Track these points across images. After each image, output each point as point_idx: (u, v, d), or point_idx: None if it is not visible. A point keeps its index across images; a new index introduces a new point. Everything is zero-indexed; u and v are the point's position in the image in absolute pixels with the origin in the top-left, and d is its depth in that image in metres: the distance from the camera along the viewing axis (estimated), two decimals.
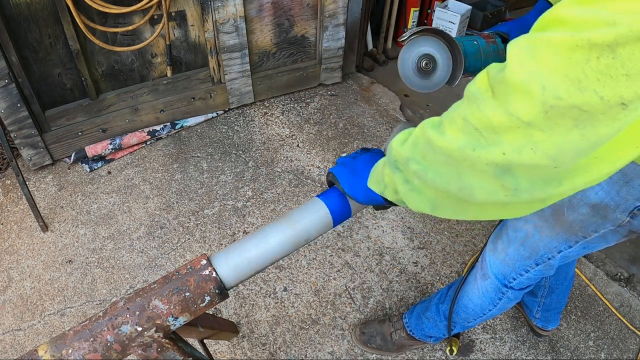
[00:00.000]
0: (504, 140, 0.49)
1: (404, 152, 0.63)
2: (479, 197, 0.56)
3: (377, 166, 0.74)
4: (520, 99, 0.46)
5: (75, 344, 0.75)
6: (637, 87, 0.42)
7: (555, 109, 0.45)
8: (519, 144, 0.48)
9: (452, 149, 0.54)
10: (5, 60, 1.80)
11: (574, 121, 0.45)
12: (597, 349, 1.65)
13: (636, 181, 0.76)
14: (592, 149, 0.49)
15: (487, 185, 0.54)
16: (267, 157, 2.29)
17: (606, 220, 0.84)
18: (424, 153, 0.59)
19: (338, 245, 1.91)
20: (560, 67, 0.43)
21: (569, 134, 0.46)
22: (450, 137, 0.54)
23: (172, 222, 1.99)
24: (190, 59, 2.31)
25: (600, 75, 0.42)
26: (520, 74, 0.46)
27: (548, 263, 1.03)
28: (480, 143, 0.51)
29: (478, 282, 1.20)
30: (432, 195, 0.62)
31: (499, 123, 0.48)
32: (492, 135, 0.49)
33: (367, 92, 2.73)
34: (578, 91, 0.43)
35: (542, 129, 0.46)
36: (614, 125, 0.45)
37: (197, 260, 0.79)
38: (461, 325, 1.34)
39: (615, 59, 0.42)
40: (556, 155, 0.48)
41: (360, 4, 2.48)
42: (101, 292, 1.76)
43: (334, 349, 1.61)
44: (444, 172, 0.57)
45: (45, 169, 2.21)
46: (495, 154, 0.50)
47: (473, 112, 0.51)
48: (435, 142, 0.56)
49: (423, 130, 0.60)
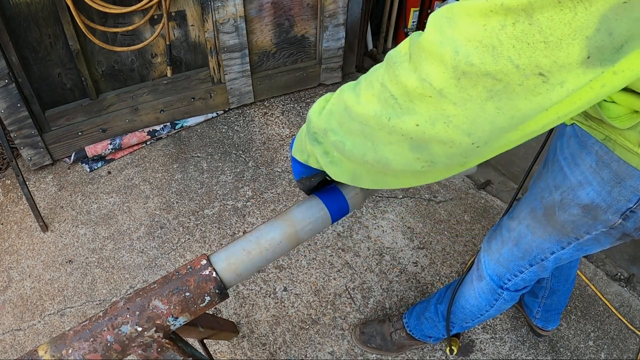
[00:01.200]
0: (417, 110, 0.47)
1: (321, 123, 0.61)
2: (396, 168, 0.54)
3: (300, 133, 0.72)
4: (432, 63, 0.44)
5: (75, 344, 0.75)
6: (556, 56, 0.40)
7: (467, 76, 0.42)
8: (432, 115, 0.46)
9: (369, 115, 0.51)
10: (5, 60, 1.80)
11: (488, 92, 0.43)
12: (597, 349, 1.65)
13: (628, 182, 0.75)
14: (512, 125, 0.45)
15: (402, 158, 0.52)
16: (267, 157, 2.29)
17: (597, 222, 0.83)
18: (340, 120, 0.57)
19: (338, 245, 1.91)
20: (474, 34, 0.41)
21: (483, 106, 0.44)
22: (366, 103, 0.52)
23: (172, 222, 1.99)
24: (190, 59, 2.31)
25: (516, 42, 0.40)
26: (434, 37, 0.44)
27: (542, 264, 1.02)
28: (395, 111, 0.49)
29: (474, 283, 1.21)
30: (351, 166, 0.60)
31: (413, 89, 0.46)
32: (407, 103, 0.47)
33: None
34: (492, 58, 0.41)
35: (455, 102, 0.44)
36: (534, 99, 0.43)
37: (197, 260, 0.79)
38: (459, 326, 1.35)
39: (532, 24, 0.39)
40: (471, 131, 0.46)
41: (360, 4, 2.48)
42: (101, 292, 1.76)
43: (334, 349, 1.61)
44: (360, 143, 0.55)
45: (45, 169, 2.21)
46: (409, 124, 0.48)
47: (390, 77, 0.49)
48: (352, 108, 0.54)
49: (340, 95, 0.58)
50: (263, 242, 0.80)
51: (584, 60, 0.40)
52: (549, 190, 0.90)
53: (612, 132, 0.73)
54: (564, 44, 0.39)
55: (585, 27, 0.38)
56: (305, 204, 0.83)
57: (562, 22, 0.38)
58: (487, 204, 2.11)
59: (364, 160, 0.56)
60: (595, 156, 0.78)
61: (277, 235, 0.80)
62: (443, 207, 2.08)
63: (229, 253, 0.80)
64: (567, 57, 0.40)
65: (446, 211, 2.07)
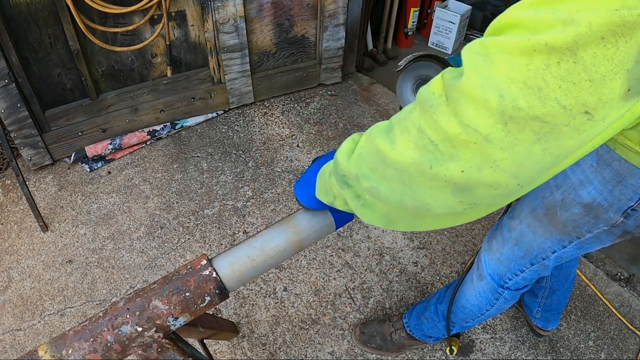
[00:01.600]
0: (461, 156, 0.45)
1: (351, 168, 0.58)
2: (436, 212, 0.52)
3: (323, 173, 0.69)
4: (476, 109, 0.42)
5: (75, 344, 0.75)
6: (600, 94, 0.39)
7: (514, 120, 0.41)
8: (478, 161, 0.44)
9: (407, 163, 0.49)
10: (5, 60, 1.80)
11: (536, 135, 0.42)
12: (597, 349, 1.65)
13: (629, 180, 0.75)
14: (556, 162, 0.45)
15: (444, 202, 0.50)
16: (267, 157, 2.29)
17: (599, 220, 0.83)
18: (372, 165, 0.54)
19: (338, 245, 1.91)
20: (518, 75, 0.40)
21: (531, 149, 0.43)
22: (403, 150, 0.49)
23: (172, 222, 1.99)
24: (190, 59, 2.31)
25: (562, 82, 0.39)
26: (475, 81, 0.42)
27: (543, 263, 1.02)
28: (436, 158, 0.46)
29: (475, 282, 1.21)
30: (385, 210, 0.58)
31: (455, 135, 0.44)
32: (449, 149, 0.45)
33: (367, 92, 2.73)
34: (539, 100, 0.40)
35: (502, 147, 0.43)
36: (579, 137, 0.42)
37: (197, 261, 0.79)
38: (460, 326, 1.35)
39: (576, 63, 0.38)
40: (518, 173, 0.45)
41: (360, 4, 2.48)
42: (101, 292, 1.76)
43: (334, 349, 1.61)
44: (397, 189, 0.52)
45: (45, 169, 2.21)
46: (454, 170, 0.46)
47: (428, 122, 0.46)
48: (387, 155, 0.51)
49: (370, 139, 0.55)
50: (267, 249, 0.79)
51: (625, 93, 0.39)
52: (549, 190, 0.90)
53: None
54: (607, 80, 0.39)
55: (626, 61, 0.38)
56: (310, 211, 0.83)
57: (605, 58, 0.38)
58: None
59: (401, 205, 0.54)
60: (596, 155, 0.78)
61: (282, 242, 0.80)
62: None
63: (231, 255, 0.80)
64: (611, 92, 0.39)
65: None
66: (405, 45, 3.15)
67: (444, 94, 0.46)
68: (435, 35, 3.12)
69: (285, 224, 0.82)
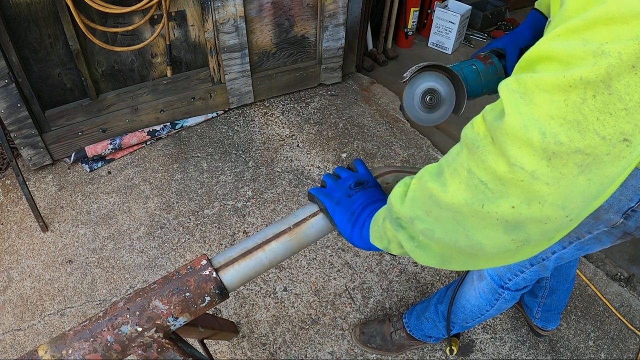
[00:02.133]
0: (510, 193, 0.47)
1: (406, 211, 0.60)
2: (489, 251, 0.54)
3: (376, 219, 0.70)
4: (519, 148, 0.44)
5: (75, 344, 0.75)
6: (637, 120, 0.40)
7: (557, 155, 0.43)
8: (527, 197, 0.46)
9: (460, 204, 0.51)
10: (5, 60, 1.80)
11: (579, 167, 0.43)
12: (597, 349, 1.65)
13: (629, 181, 0.75)
14: (601, 191, 0.47)
15: (497, 241, 0.52)
16: (267, 157, 2.29)
17: (599, 221, 0.83)
18: (427, 208, 0.56)
19: (338, 245, 1.91)
20: (556, 111, 0.42)
21: (575, 181, 0.44)
22: (454, 192, 0.51)
23: (172, 222, 1.99)
24: (190, 59, 2.31)
25: (599, 114, 0.40)
26: (517, 121, 0.44)
27: (543, 264, 1.02)
28: (487, 197, 0.48)
29: (475, 283, 1.21)
30: (440, 250, 0.59)
31: (503, 174, 0.46)
32: (499, 187, 0.47)
33: (367, 92, 2.73)
34: (579, 134, 0.41)
35: (548, 182, 0.44)
36: (619, 163, 0.43)
37: (197, 261, 0.79)
38: (460, 326, 1.35)
39: (611, 94, 0.40)
40: (565, 204, 0.46)
41: (360, 4, 2.48)
42: (101, 292, 1.76)
43: (334, 349, 1.61)
44: (451, 229, 0.54)
45: (45, 169, 2.21)
46: (505, 207, 0.47)
47: (477, 163, 0.49)
48: (440, 198, 0.53)
49: (421, 183, 0.57)
50: (267, 249, 0.79)
51: None
52: None
53: None
54: None
55: None
56: (309, 209, 0.83)
57: (637, 85, 0.39)
58: None
59: (455, 246, 0.56)
60: None
61: (282, 241, 0.80)
62: None
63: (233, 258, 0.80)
64: None
65: None
66: (405, 45, 3.15)
67: (489, 134, 0.48)
68: (435, 35, 3.12)
69: (285, 223, 0.82)
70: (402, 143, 2.40)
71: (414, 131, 2.48)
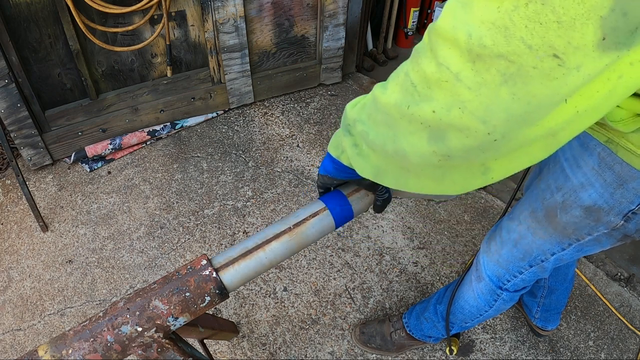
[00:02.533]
0: (434, 97, 0.47)
1: (353, 114, 0.64)
2: (413, 161, 0.55)
3: (338, 131, 0.75)
4: (447, 47, 0.44)
5: (75, 344, 0.75)
6: (570, 37, 0.39)
7: (481, 58, 0.42)
8: (448, 101, 0.46)
9: (390, 104, 0.53)
10: (5, 60, 1.80)
11: (502, 76, 0.42)
12: (597, 349, 1.65)
13: (630, 184, 0.75)
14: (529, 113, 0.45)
15: (419, 149, 0.52)
16: (267, 157, 2.29)
17: (599, 223, 0.83)
18: (369, 112, 0.60)
19: (338, 245, 1.91)
20: (488, 16, 0.41)
21: (497, 92, 0.43)
22: (390, 94, 0.54)
23: (172, 222, 1.99)
24: (190, 59, 2.31)
25: (528, 22, 0.39)
26: (448, 22, 0.44)
27: (541, 265, 1.02)
28: (414, 99, 0.49)
29: (473, 283, 1.21)
30: (376, 160, 0.62)
31: (431, 74, 0.47)
32: (425, 90, 0.48)
33: (367, 92, 2.73)
34: (504, 39, 0.41)
35: (470, 87, 0.44)
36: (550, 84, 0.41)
37: (197, 261, 0.79)
38: (459, 326, 1.35)
39: (544, 4, 0.38)
40: (486, 118, 0.45)
41: (360, 4, 2.48)
42: (101, 292, 1.76)
43: (334, 349, 1.61)
44: (382, 132, 0.57)
45: (45, 169, 2.21)
46: (426, 110, 0.48)
47: (413, 66, 0.50)
48: (378, 99, 0.56)
49: (373, 90, 0.60)
50: (267, 249, 0.79)
51: (599, 42, 0.39)
52: (550, 192, 0.90)
53: (614, 134, 0.73)
54: (577, 24, 0.38)
55: (599, 7, 0.37)
56: (310, 209, 0.83)
57: (575, 1, 0.38)
58: (487, 204, 2.11)
59: (384, 150, 0.58)
60: (598, 158, 0.77)
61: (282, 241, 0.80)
62: (443, 207, 2.08)
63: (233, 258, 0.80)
64: (582, 37, 0.39)
65: (446, 211, 2.07)
66: (406, 45, 3.15)
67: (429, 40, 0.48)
68: None
69: (285, 223, 0.82)
70: None
71: None
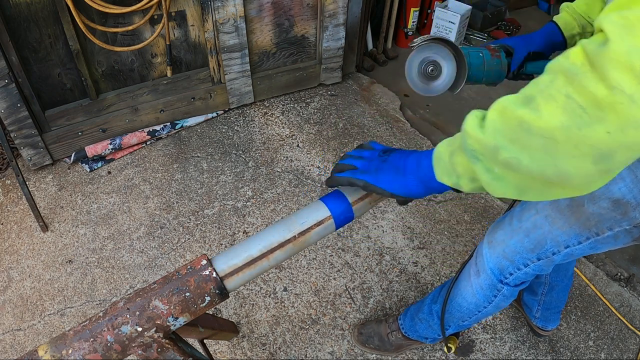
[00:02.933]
0: (607, 118, 0.48)
1: (488, 140, 0.59)
2: (576, 181, 0.55)
3: (440, 157, 0.71)
4: (622, 72, 0.46)
5: (75, 344, 0.75)
6: None
7: None
8: (622, 122, 0.48)
9: (555, 127, 0.52)
10: (5, 60, 1.80)
11: None
12: (597, 349, 1.65)
13: None
14: None
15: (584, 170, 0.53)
16: (267, 157, 2.29)
17: (624, 218, 0.84)
18: (512, 137, 0.56)
19: (338, 245, 1.91)
20: None
21: None
22: (550, 117, 0.52)
23: (172, 222, 1.99)
24: (190, 59, 2.31)
25: None
26: (621, 47, 0.46)
27: (551, 258, 1.01)
28: (584, 121, 0.50)
29: (472, 279, 1.19)
30: (517, 181, 0.60)
31: (602, 97, 0.48)
32: (597, 112, 0.49)
33: (367, 92, 2.73)
34: None
35: None
36: None
37: (197, 261, 0.79)
38: (456, 325, 1.33)
39: None
40: None
41: (360, 4, 2.48)
42: (101, 292, 1.76)
43: (334, 349, 1.61)
44: (540, 157, 0.55)
45: (45, 169, 2.21)
46: (600, 132, 0.49)
47: (576, 88, 0.50)
48: (532, 123, 0.53)
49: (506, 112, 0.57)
50: (267, 249, 0.79)
51: None
52: None
53: None
54: None
55: None
56: (310, 210, 0.82)
57: None
58: (487, 204, 2.11)
59: (542, 175, 0.56)
60: None
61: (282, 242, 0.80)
62: (443, 207, 2.08)
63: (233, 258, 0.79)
64: None
65: (446, 211, 2.07)
66: (405, 45, 3.15)
67: (587, 62, 0.50)
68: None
69: (285, 224, 0.82)
70: (402, 143, 2.40)
71: (414, 131, 2.48)
